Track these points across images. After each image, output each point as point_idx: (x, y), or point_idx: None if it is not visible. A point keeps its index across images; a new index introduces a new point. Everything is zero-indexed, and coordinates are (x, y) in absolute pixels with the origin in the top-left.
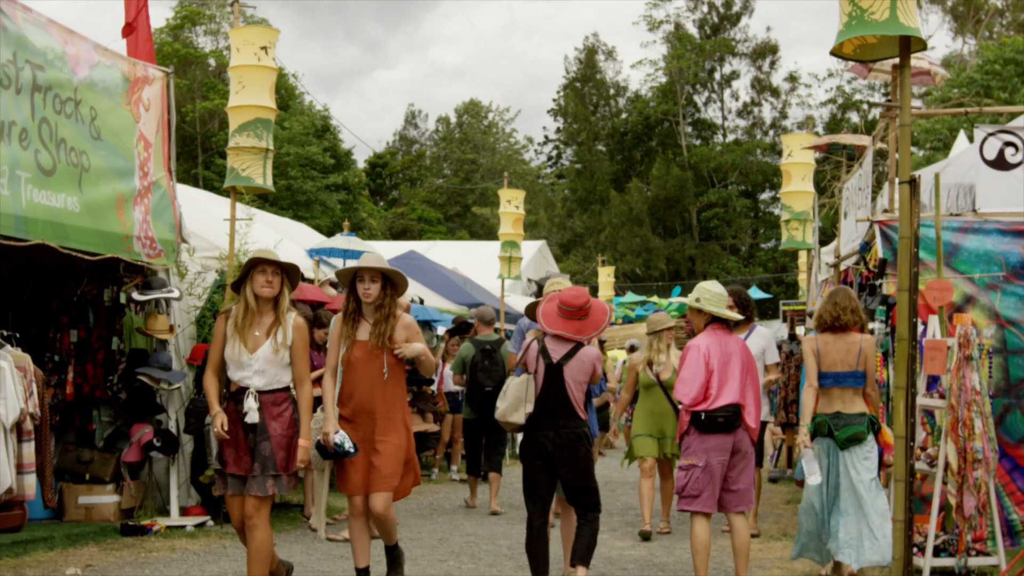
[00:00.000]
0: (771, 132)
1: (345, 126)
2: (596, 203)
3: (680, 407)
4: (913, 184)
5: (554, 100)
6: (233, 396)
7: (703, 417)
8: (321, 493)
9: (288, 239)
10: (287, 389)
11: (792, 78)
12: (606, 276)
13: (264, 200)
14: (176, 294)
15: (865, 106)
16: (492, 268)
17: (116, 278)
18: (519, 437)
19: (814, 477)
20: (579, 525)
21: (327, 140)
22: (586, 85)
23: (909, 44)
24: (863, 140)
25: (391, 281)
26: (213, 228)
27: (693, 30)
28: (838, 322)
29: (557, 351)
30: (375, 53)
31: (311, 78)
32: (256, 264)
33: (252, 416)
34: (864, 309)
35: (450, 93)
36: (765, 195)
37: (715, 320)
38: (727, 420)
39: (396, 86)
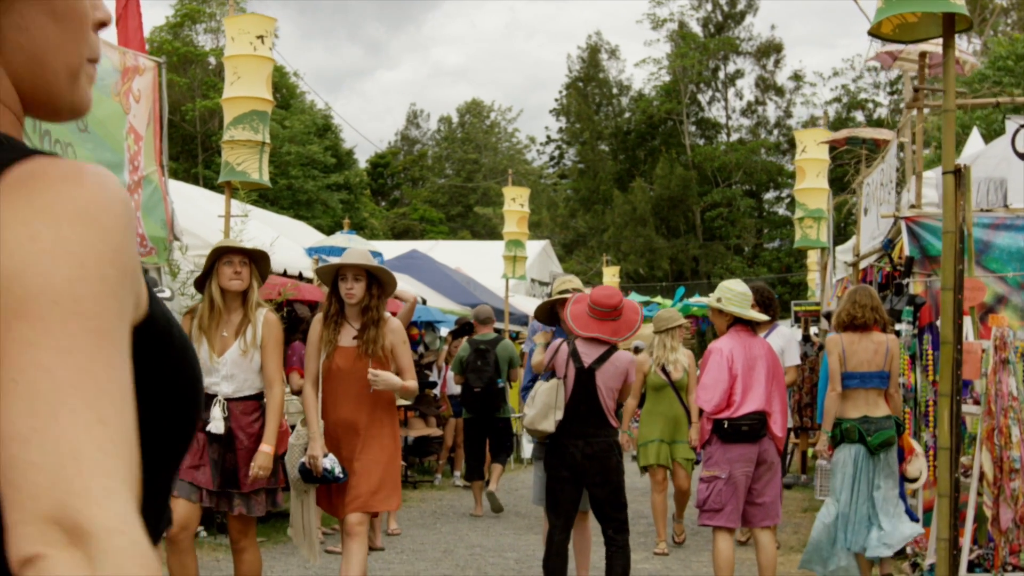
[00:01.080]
0: (775, 131)
1: (348, 122)
2: (599, 203)
3: (702, 415)
4: (958, 174)
5: (556, 100)
6: None
7: (726, 426)
8: (309, 519)
9: (286, 236)
10: (260, 396)
11: (797, 77)
12: (611, 276)
13: (265, 199)
14: (167, 294)
15: (871, 105)
16: (495, 268)
17: None
18: (524, 442)
19: (821, 493)
20: (609, 553)
21: (328, 139)
22: (589, 84)
23: (953, 22)
24: (884, 134)
25: (377, 280)
26: (208, 225)
27: (697, 28)
28: (857, 321)
29: (589, 354)
30: (377, 53)
31: (312, 78)
32: (221, 255)
33: (216, 426)
34: (890, 310)
35: (452, 94)
36: (769, 195)
37: (738, 321)
38: (752, 429)
39: (398, 87)
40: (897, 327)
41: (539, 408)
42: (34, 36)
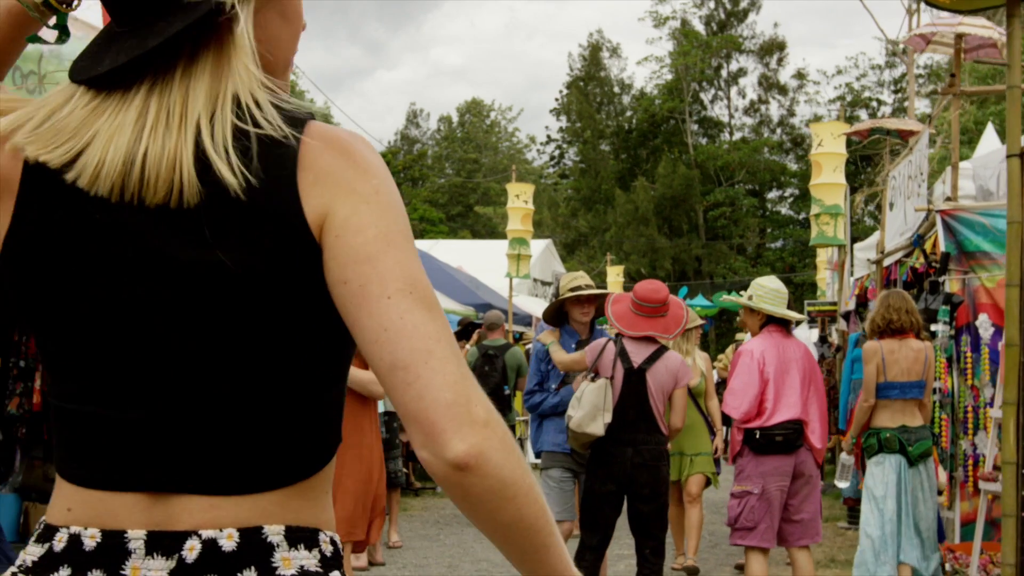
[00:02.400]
0: (778, 130)
1: (350, 117)
2: (601, 202)
3: (730, 423)
4: None
5: (557, 100)
6: None
7: (758, 436)
8: None
9: None
10: None
11: (800, 75)
12: (615, 276)
13: None
14: None
15: (875, 103)
16: (498, 267)
17: None
18: (528, 447)
19: (842, 481)
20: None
21: None
22: (590, 83)
23: None
24: (911, 124)
25: None
26: None
27: (700, 26)
28: (894, 324)
29: (638, 354)
30: (376, 54)
31: (312, 78)
32: None
33: None
34: (924, 309)
35: (451, 94)
36: (772, 194)
37: (771, 321)
38: (786, 439)
39: (397, 87)
40: (933, 327)
41: (587, 409)
42: (269, 33)
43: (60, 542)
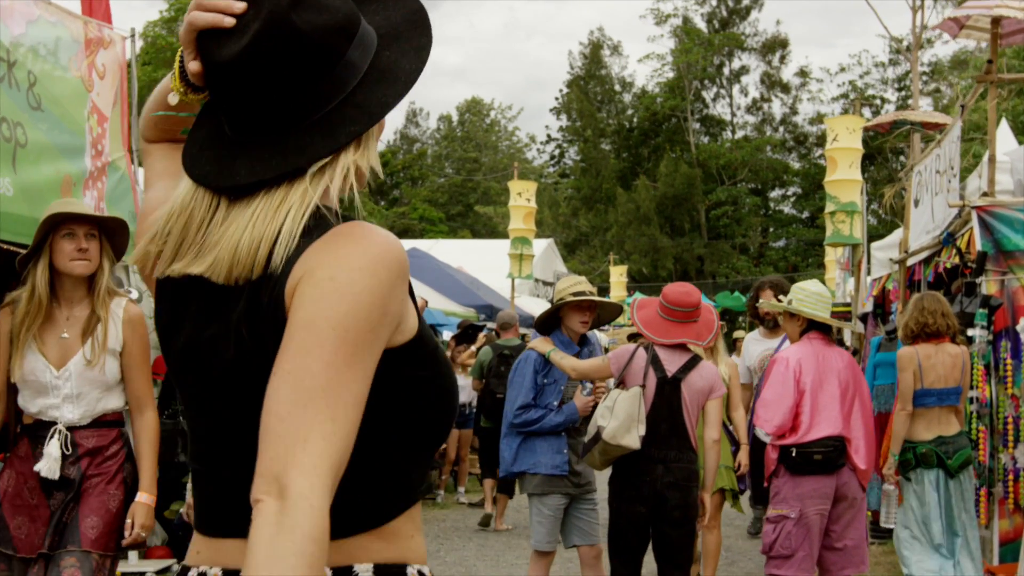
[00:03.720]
0: (781, 128)
1: None
2: (602, 202)
3: (752, 434)
4: None
5: (557, 99)
6: (30, 433)
7: (795, 454)
8: None
9: None
10: (117, 422)
11: (803, 73)
12: (618, 275)
13: None
14: (135, 295)
15: (878, 101)
16: (498, 267)
17: None
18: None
19: (889, 521)
20: None
21: None
22: (591, 81)
23: None
24: (936, 117)
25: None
26: None
27: (701, 24)
28: (929, 328)
29: (672, 363)
30: None
31: None
32: (58, 225)
33: (49, 468)
34: (960, 313)
35: (451, 94)
36: (775, 193)
37: (812, 327)
38: (826, 458)
39: None
40: (970, 332)
41: (622, 419)
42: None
43: None
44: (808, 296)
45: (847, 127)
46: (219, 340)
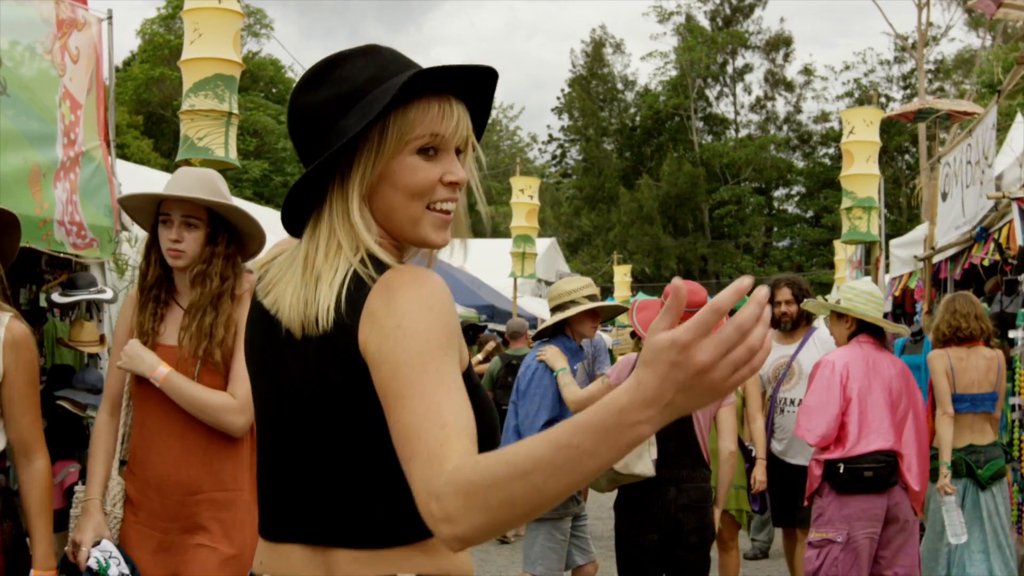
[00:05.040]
0: (784, 127)
1: None
2: (604, 201)
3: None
4: None
5: (558, 98)
6: None
7: (842, 470)
8: None
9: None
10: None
11: (807, 71)
12: (622, 275)
13: (260, 197)
14: (109, 295)
15: (883, 99)
16: (499, 267)
17: (36, 275)
18: None
19: (959, 536)
20: None
21: None
22: (593, 79)
23: None
24: (965, 106)
25: (227, 226)
26: None
27: (704, 22)
28: (962, 332)
29: None
30: None
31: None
32: None
33: None
34: (999, 313)
35: None
36: (779, 192)
37: (862, 330)
38: (877, 475)
39: None
40: (1012, 334)
41: None
42: (386, 201)
43: None
44: (859, 295)
45: (864, 119)
46: (298, 372)
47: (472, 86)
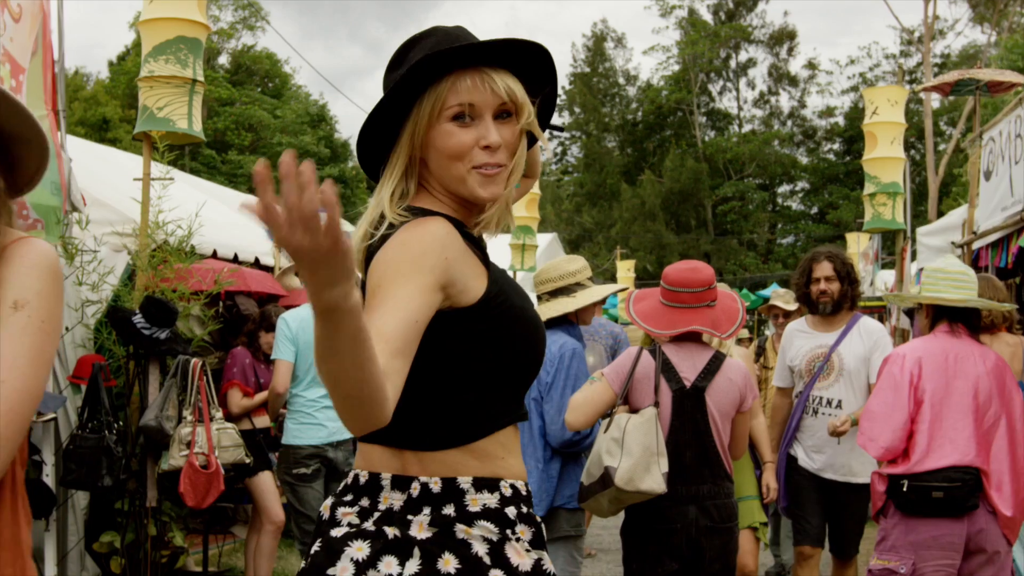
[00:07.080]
0: (788, 122)
1: (351, 99)
2: (606, 197)
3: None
4: None
5: (559, 95)
6: None
7: (906, 488)
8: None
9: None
10: None
11: (811, 65)
12: (626, 271)
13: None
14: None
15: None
16: (499, 261)
17: None
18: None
19: None
20: None
21: (322, 131)
22: (595, 74)
23: None
24: (1009, 76)
25: None
26: (122, 191)
27: (707, 16)
28: (984, 320)
29: (688, 367)
30: (377, 53)
31: (312, 76)
32: None
33: None
34: None
35: None
36: (783, 188)
37: (943, 315)
38: (950, 495)
39: None
40: None
41: (637, 455)
42: (435, 163)
43: (349, 479)
44: (945, 277)
45: (888, 98)
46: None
47: (518, 56)
